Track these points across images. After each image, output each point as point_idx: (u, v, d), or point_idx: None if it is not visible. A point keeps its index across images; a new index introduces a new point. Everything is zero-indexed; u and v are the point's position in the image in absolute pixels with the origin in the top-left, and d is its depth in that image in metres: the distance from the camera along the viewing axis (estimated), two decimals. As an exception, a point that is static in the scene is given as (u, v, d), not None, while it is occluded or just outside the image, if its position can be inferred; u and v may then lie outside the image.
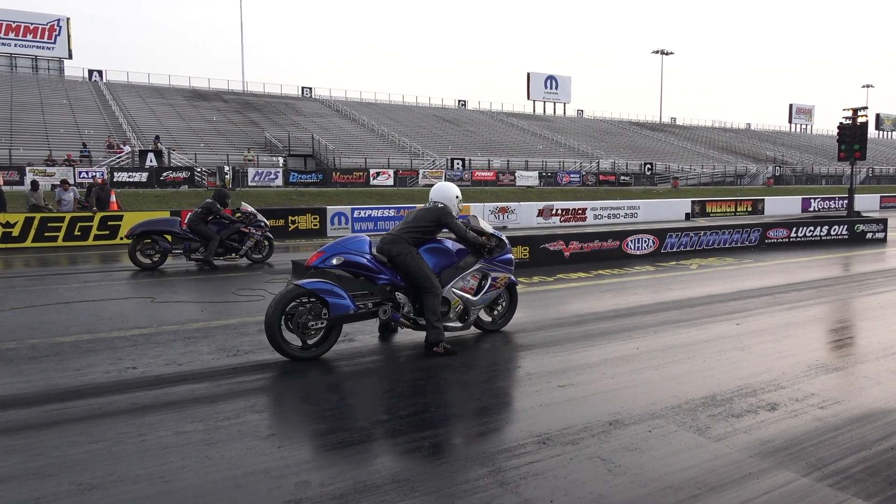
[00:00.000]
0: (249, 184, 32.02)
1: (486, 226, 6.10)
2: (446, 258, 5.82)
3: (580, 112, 75.62)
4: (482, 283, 5.96)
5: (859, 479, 3.23)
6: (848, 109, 21.28)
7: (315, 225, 17.77)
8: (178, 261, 11.41)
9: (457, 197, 5.95)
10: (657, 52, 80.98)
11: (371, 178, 36.19)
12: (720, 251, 13.65)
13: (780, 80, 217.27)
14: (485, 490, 3.09)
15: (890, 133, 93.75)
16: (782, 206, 28.86)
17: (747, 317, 7.10)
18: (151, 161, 31.63)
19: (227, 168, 32.00)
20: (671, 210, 25.11)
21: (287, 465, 3.35)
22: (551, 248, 11.72)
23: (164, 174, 30.27)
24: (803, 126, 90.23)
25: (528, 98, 72.03)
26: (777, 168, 57.97)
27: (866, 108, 21.54)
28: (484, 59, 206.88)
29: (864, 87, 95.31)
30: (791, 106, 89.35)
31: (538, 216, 21.92)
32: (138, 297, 8.20)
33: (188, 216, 11.36)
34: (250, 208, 11.71)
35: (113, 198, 16.96)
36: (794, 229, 15.28)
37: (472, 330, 6.28)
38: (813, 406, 4.25)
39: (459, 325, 5.86)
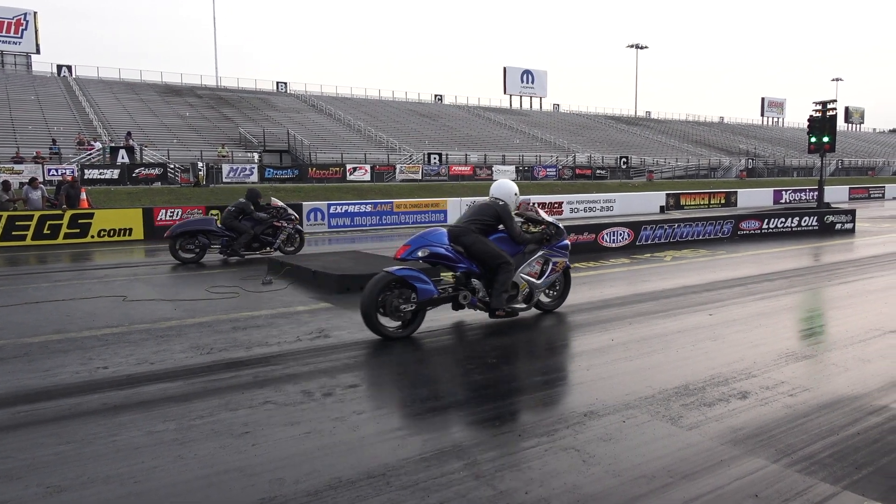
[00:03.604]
0: (224, 180, 31.62)
1: (544, 215, 6.71)
2: (514, 245, 6.36)
3: (556, 106, 75.89)
4: (544, 268, 6.54)
5: (827, 464, 3.30)
6: (818, 103, 21.64)
7: (291, 221, 17.58)
8: (214, 256, 11.65)
9: (515, 194, 6.49)
10: (632, 46, 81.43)
11: (348, 174, 36.01)
12: (694, 243, 13.83)
13: (753, 73, 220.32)
14: (460, 483, 3.09)
15: (859, 126, 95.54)
16: (755, 198, 29.30)
17: (720, 307, 7.20)
18: (123, 158, 31.11)
19: (200, 164, 31.55)
20: (646, 203, 25.38)
21: (261, 462, 3.32)
22: (528, 242, 11.75)
23: (137, 171, 29.79)
24: (775, 119, 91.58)
25: (505, 92, 72.09)
26: (750, 161, 58.80)
27: (836, 101, 21.90)
28: (460, 54, 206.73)
29: (833, 80, 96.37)
30: (763, 99, 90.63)
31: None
32: (110, 296, 8.06)
33: (223, 215, 11.91)
34: (280, 203, 12.06)
35: (83, 195, 16.67)
36: (766, 221, 15.54)
37: (447, 319, 6.29)
38: (783, 394, 4.33)
39: (524, 306, 6.42)
